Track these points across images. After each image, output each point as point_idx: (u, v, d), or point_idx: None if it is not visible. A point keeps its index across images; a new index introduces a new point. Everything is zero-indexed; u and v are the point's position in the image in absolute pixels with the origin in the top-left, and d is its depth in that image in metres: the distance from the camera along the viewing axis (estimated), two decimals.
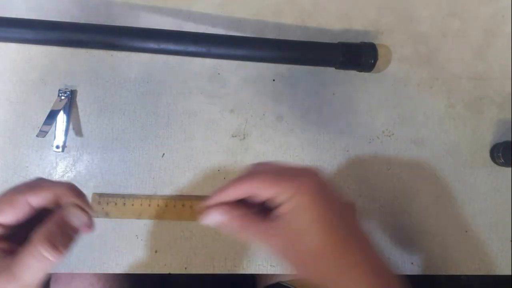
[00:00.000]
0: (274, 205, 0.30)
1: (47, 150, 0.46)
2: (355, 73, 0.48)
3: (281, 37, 0.48)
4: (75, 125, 0.46)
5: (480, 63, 0.49)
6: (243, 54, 0.46)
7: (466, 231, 0.48)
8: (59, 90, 0.46)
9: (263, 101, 0.48)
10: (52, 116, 0.43)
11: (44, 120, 0.43)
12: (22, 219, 0.29)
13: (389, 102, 0.48)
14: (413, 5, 0.50)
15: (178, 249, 0.46)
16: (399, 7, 0.49)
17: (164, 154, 0.46)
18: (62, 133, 0.45)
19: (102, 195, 0.45)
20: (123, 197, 0.45)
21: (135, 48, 0.46)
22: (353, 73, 0.48)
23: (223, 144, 0.47)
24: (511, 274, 0.47)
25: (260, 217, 0.31)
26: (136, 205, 0.45)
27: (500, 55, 0.50)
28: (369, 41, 0.47)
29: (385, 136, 0.48)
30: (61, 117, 0.45)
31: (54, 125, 0.44)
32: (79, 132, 0.46)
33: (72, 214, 0.29)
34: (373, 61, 0.45)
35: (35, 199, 0.29)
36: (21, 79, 0.46)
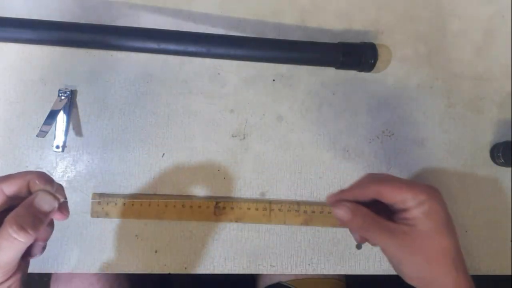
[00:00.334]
0: (399, 209, 0.34)
1: (47, 150, 0.46)
2: (355, 73, 0.48)
3: (281, 37, 0.48)
4: (75, 125, 0.46)
5: (480, 63, 0.49)
6: (243, 54, 0.46)
7: (466, 231, 0.48)
8: (59, 90, 0.46)
9: (263, 101, 0.48)
10: (52, 116, 0.43)
11: (44, 120, 0.43)
12: None
13: (389, 102, 0.48)
14: (413, 5, 0.50)
15: (178, 249, 0.46)
16: (399, 7, 0.49)
17: (164, 154, 0.46)
18: (62, 133, 0.45)
19: (102, 195, 0.45)
20: (123, 197, 0.45)
21: (135, 48, 0.46)
22: (353, 73, 0.48)
23: (223, 144, 0.47)
24: (511, 274, 0.47)
25: (384, 218, 0.34)
26: (136, 205, 0.45)
27: (500, 55, 0.50)
28: (369, 41, 0.47)
29: (385, 136, 0.48)
30: (61, 117, 0.45)
31: (54, 125, 0.44)
32: (79, 132, 0.46)
33: (41, 199, 0.30)
34: (373, 61, 0.45)
35: (8, 187, 0.31)
36: (21, 79, 0.46)
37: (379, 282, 0.52)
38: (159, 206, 0.45)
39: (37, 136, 0.43)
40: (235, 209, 0.46)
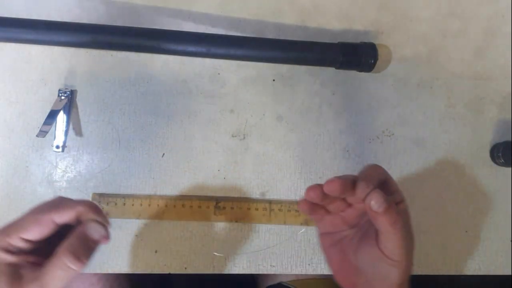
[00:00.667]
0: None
1: (47, 150, 0.46)
2: (355, 73, 0.48)
3: (281, 37, 0.48)
4: (75, 125, 0.46)
5: (480, 63, 0.49)
6: (243, 54, 0.46)
7: (466, 231, 0.47)
8: (59, 90, 0.46)
9: (263, 101, 0.48)
10: (52, 116, 0.43)
11: (44, 120, 0.43)
12: (47, 235, 0.32)
13: (389, 102, 0.48)
14: (413, 5, 0.50)
15: (178, 249, 0.46)
16: (399, 7, 0.49)
17: (164, 154, 0.46)
18: (62, 133, 0.45)
19: (102, 195, 0.45)
20: (123, 197, 0.45)
21: (135, 48, 0.46)
22: (353, 73, 0.48)
23: (223, 144, 0.47)
24: (511, 274, 0.47)
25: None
26: (136, 205, 0.45)
27: (500, 55, 0.50)
28: (369, 41, 0.47)
29: (385, 136, 0.48)
30: (61, 117, 0.45)
31: (54, 125, 0.44)
32: (79, 132, 0.46)
33: (92, 228, 0.32)
34: (373, 61, 0.45)
35: (59, 217, 0.32)
36: (21, 79, 0.46)
37: None
38: (159, 206, 0.45)
39: (37, 136, 0.43)
40: (235, 209, 0.46)
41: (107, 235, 0.33)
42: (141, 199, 0.45)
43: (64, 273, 0.30)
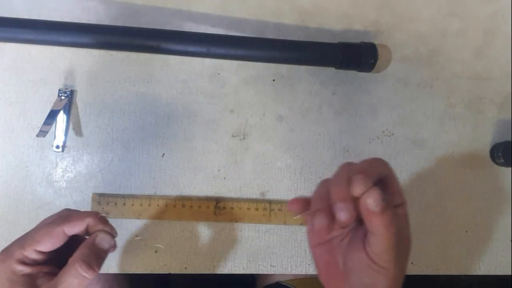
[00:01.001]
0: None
1: (47, 150, 0.46)
2: (355, 73, 0.48)
3: (281, 37, 0.48)
4: (75, 125, 0.46)
5: (480, 63, 0.49)
6: (243, 54, 0.46)
7: (466, 231, 0.48)
8: (59, 90, 0.46)
9: (263, 101, 0.48)
10: (52, 116, 0.43)
11: (44, 120, 0.43)
12: (58, 246, 0.34)
13: (389, 102, 0.48)
14: (413, 5, 0.50)
15: (178, 249, 0.46)
16: (399, 7, 0.49)
17: (164, 154, 0.46)
18: (62, 133, 0.45)
19: (102, 195, 0.45)
20: (123, 197, 0.45)
21: (135, 48, 0.46)
22: (353, 73, 0.48)
23: (223, 144, 0.47)
24: (511, 274, 0.47)
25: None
26: (136, 205, 0.45)
27: (500, 55, 0.50)
28: (369, 41, 0.47)
29: (385, 136, 0.48)
30: (61, 117, 0.45)
31: (54, 125, 0.44)
32: (79, 132, 0.46)
33: (102, 239, 0.35)
34: (373, 61, 0.45)
35: (70, 229, 0.34)
36: (21, 79, 0.46)
37: None
38: (159, 206, 0.45)
39: (37, 136, 0.43)
40: (235, 209, 0.46)
41: (115, 244, 0.36)
42: (141, 199, 0.45)
43: (78, 281, 0.33)
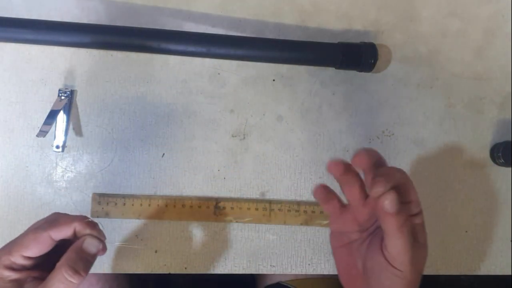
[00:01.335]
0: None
1: (47, 150, 0.46)
2: (355, 73, 0.48)
3: (281, 37, 0.48)
4: (75, 125, 0.46)
5: (480, 63, 0.49)
6: (243, 54, 0.46)
7: (466, 231, 0.48)
8: (59, 90, 0.46)
9: (263, 101, 0.48)
10: (52, 116, 0.43)
11: (44, 120, 0.43)
12: (46, 251, 0.34)
13: (389, 102, 0.48)
14: (413, 5, 0.50)
15: (178, 249, 0.46)
16: (399, 7, 0.49)
17: (164, 154, 0.46)
18: (62, 133, 0.45)
19: (102, 195, 0.45)
20: (123, 197, 0.45)
21: (135, 48, 0.46)
22: (353, 73, 0.48)
23: (223, 144, 0.47)
24: (511, 274, 0.47)
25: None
26: (136, 205, 0.45)
27: (500, 55, 0.50)
28: (369, 41, 0.47)
29: (385, 136, 0.48)
30: (61, 117, 0.45)
31: (54, 125, 0.44)
32: (79, 132, 0.46)
33: (89, 243, 0.34)
34: (373, 61, 0.45)
35: (56, 235, 0.34)
36: (21, 79, 0.46)
37: None
38: (159, 206, 0.45)
39: (37, 136, 0.43)
40: (235, 209, 0.46)
41: (104, 247, 0.35)
42: (141, 199, 0.45)
43: (64, 286, 0.32)
